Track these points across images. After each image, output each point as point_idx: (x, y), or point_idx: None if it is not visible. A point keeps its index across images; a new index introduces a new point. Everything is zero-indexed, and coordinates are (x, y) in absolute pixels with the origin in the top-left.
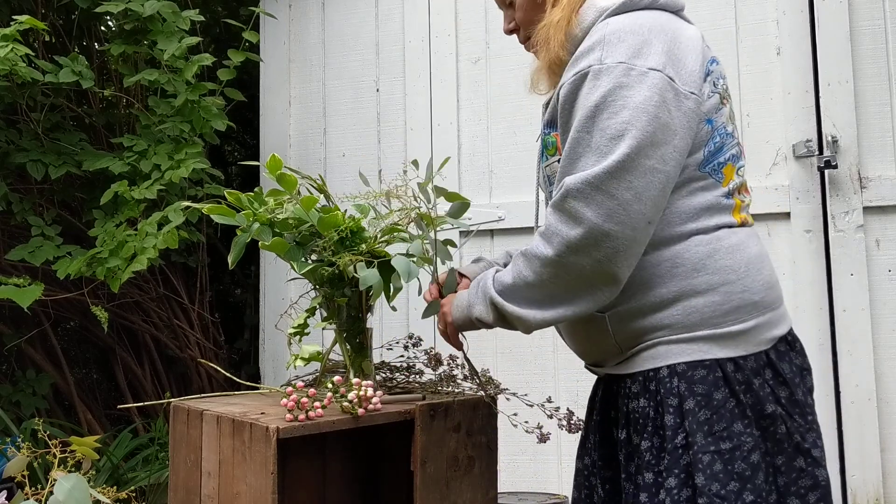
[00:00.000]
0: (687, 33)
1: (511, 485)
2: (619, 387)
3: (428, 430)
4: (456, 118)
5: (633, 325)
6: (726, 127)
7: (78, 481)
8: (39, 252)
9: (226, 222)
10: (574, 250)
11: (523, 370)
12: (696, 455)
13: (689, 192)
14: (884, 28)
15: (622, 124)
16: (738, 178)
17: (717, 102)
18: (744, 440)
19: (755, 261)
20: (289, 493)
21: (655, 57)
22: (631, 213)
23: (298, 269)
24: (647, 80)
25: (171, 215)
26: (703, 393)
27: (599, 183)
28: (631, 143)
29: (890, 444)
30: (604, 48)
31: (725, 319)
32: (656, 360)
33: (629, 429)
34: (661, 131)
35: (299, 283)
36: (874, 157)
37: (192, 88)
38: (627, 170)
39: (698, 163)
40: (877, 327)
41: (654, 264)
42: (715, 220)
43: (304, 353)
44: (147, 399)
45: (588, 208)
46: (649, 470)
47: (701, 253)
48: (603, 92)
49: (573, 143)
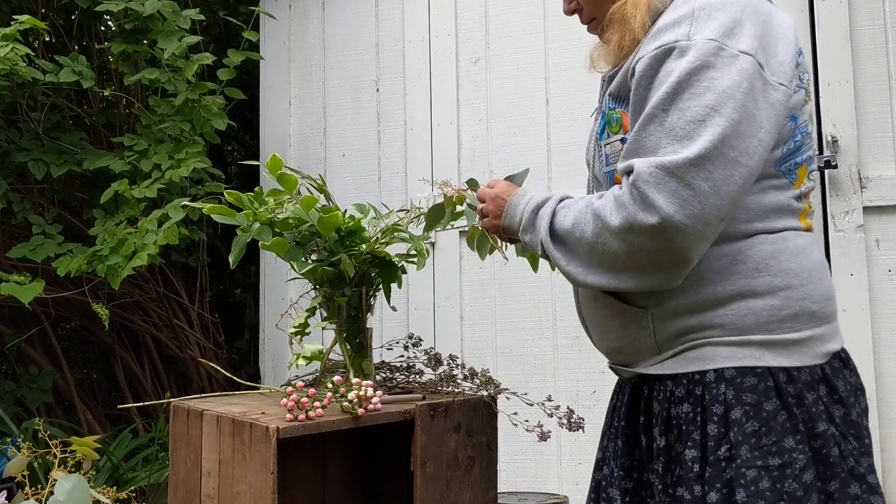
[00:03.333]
0: (778, 18)
1: (511, 485)
2: (656, 390)
3: (428, 430)
4: (456, 118)
5: (678, 323)
6: (807, 126)
7: (78, 481)
8: (41, 250)
9: (226, 222)
10: (639, 233)
11: (523, 370)
12: (738, 469)
13: (761, 190)
14: (884, 28)
15: (706, 108)
16: (808, 181)
17: (802, 98)
18: (795, 457)
19: (818, 268)
20: (289, 493)
21: (748, 39)
22: (706, 206)
23: (298, 269)
24: (738, 64)
25: (172, 212)
26: (752, 402)
27: (676, 169)
28: (715, 131)
29: (890, 444)
30: (692, 23)
31: (781, 326)
32: (703, 362)
33: (669, 435)
34: (747, 121)
35: (299, 282)
36: (874, 157)
37: (193, 88)
38: (709, 159)
39: (776, 160)
40: (877, 327)
41: (713, 259)
42: (783, 222)
43: (307, 352)
44: (147, 399)
45: (661, 195)
46: (698, 483)
47: (765, 252)
48: (688, 69)
49: (646, 120)
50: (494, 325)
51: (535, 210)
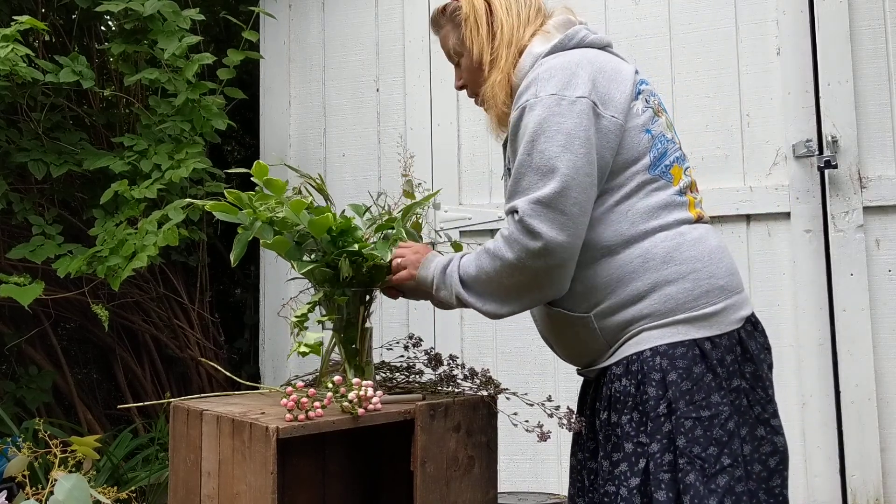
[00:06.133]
0: (611, 63)
1: (511, 485)
2: (605, 377)
3: (428, 430)
4: (456, 118)
5: (615, 320)
6: (665, 134)
7: (78, 481)
8: (40, 250)
9: (228, 219)
10: (533, 257)
11: (523, 370)
12: (678, 420)
13: (646, 194)
14: (884, 28)
15: (559, 148)
16: (686, 177)
17: (652, 115)
18: (721, 409)
19: (716, 251)
20: (289, 492)
21: (583, 86)
22: (578, 224)
23: (298, 269)
24: (577, 108)
25: (172, 213)
26: (683, 367)
27: (549, 202)
28: (570, 165)
29: (890, 444)
30: (537, 84)
31: (697, 303)
32: (640, 344)
33: (610, 410)
34: (591, 150)
35: (299, 282)
36: (874, 157)
37: (193, 88)
38: (571, 187)
39: (647, 166)
40: (877, 327)
41: (627, 261)
42: (674, 215)
43: (310, 340)
44: (147, 399)
45: (543, 224)
46: (628, 441)
47: (668, 247)
48: (538, 120)
49: (518, 166)
50: (494, 325)
51: (444, 270)
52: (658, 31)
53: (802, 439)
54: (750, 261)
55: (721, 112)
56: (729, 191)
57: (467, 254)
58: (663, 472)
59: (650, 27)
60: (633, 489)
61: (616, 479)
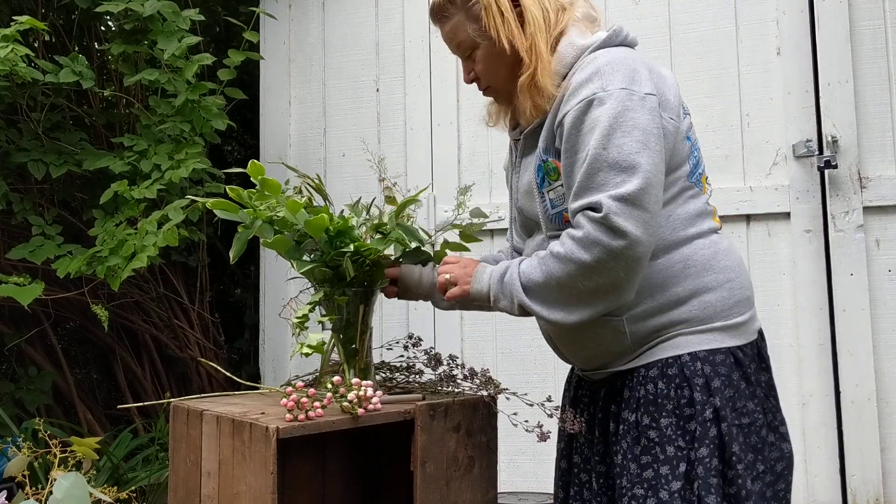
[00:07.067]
0: (656, 65)
1: (511, 485)
2: (628, 379)
3: (428, 430)
4: (456, 118)
5: (649, 323)
6: (696, 143)
7: (76, 479)
8: (40, 251)
9: (229, 217)
10: (615, 257)
11: (523, 370)
12: (730, 427)
13: (685, 201)
14: (884, 28)
15: (638, 143)
16: (709, 186)
17: (690, 123)
18: (756, 417)
19: (741, 262)
20: (289, 493)
21: (648, 84)
22: (657, 224)
23: (298, 268)
24: (648, 103)
25: (172, 213)
26: (725, 374)
27: (634, 199)
28: (650, 162)
29: (890, 444)
30: (602, 77)
31: (731, 312)
32: (677, 349)
33: (639, 412)
34: (663, 149)
35: (299, 282)
36: (874, 157)
37: (193, 88)
38: (653, 184)
39: (686, 174)
40: (877, 327)
41: (667, 266)
42: (706, 224)
43: (312, 341)
44: (147, 399)
45: (629, 222)
46: (670, 444)
47: (706, 255)
48: (613, 114)
49: (592, 160)
50: (494, 325)
51: (500, 279)
52: (658, 31)
53: (802, 439)
54: (750, 261)
55: (721, 112)
56: (729, 191)
57: (524, 260)
58: (713, 476)
59: (650, 27)
60: (675, 493)
61: (647, 482)
